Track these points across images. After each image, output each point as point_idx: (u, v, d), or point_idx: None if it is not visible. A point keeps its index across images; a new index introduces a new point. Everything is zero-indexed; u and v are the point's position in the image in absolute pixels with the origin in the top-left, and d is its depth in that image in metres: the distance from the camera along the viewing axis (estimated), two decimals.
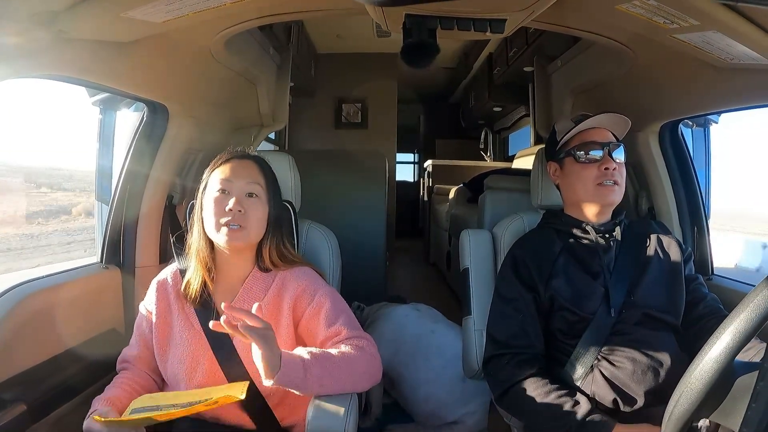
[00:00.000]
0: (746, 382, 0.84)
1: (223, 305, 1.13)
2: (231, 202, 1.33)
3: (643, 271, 1.50)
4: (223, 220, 1.34)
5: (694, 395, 0.85)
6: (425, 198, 6.81)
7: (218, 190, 1.37)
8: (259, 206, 1.38)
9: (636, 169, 2.11)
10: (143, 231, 1.96)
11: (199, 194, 1.43)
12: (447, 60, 6.14)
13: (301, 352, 1.24)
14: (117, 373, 1.46)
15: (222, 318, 1.14)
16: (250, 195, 1.38)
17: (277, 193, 1.46)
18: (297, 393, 1.23)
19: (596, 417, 1.27)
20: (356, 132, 5.79)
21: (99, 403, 1.30)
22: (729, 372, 0.84)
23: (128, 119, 2.36)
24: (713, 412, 0.88)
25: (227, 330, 1.12)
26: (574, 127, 1.54)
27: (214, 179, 1.39)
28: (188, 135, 1.98)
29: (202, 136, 2.07)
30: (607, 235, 1.54)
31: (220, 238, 1.36)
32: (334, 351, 1.29)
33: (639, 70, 1.71)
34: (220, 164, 1.42)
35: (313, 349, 1.27)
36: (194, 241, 1.42)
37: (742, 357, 1.25)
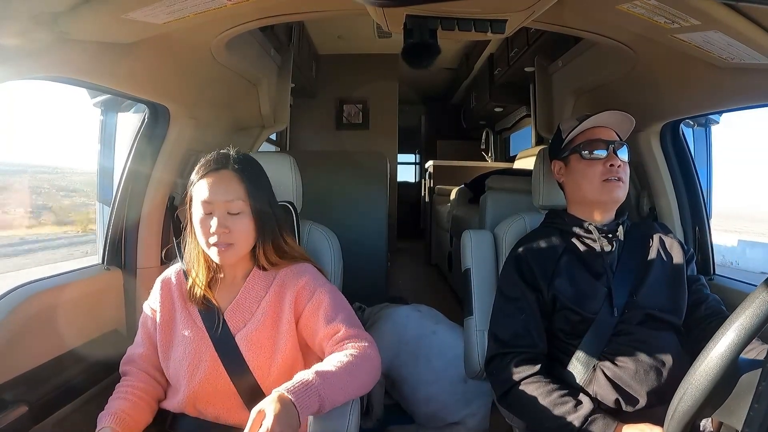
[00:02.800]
0: (750, 380, 0.84)
1: None
2: (214, 225, 1.32)
3: (646, 271, 1.50)
4: (212, 240, 1.33)
5: (698, 393, 0.85)
6: (426, 199, 6.80)
7: (202, 212, 1.35)
8: (243, 221, 1.36)
9: (637, 169, 2.11)
10: (145, 232, 1.96)
11: (188, 204, 1.41)
12: (448, 61, 6.15)
13: (308, 376, 1.20)
14: (119, 375, 1.46)
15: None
16: (232, 212, 1.36)
17: (261, 196, 1.41)
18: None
19: (598, 417, 1.27)
20: (357, 133, 5.80)
21: (105, 420, 1.30)
22: (733, 369, 0.84)
23: (129, 120, 2.37)
24: (717, 410, 0.87)
25: None
26: (579, 124, 1.55)
27: (196, 197, 1.37)
28: (189, 136, 1.98)
29: (203, 137, 2.07)
30: (610, 236, 1.54)
31: (212, 257, 1.36)
32: (335, 364, 1.26)
33: (640, 70, 1.71)
34: (199, 178, 1.37)
35: (319, 367, 1.24)
36: (193, 246, 1.42)
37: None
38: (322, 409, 1.19)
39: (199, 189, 1.36)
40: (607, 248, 1.52)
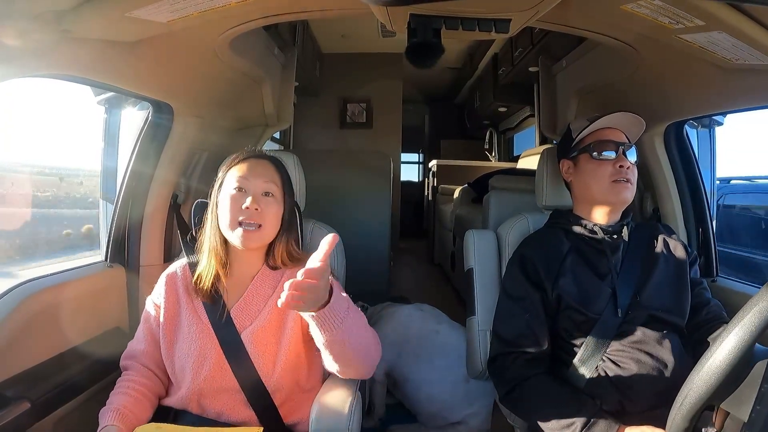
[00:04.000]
0: (762, 370, 0.83)
1: (287, 285, 1.11)
2: (248, 201, 1.35)
3: (650, 272, 1.50)
4: (240, 218, 1.35)
5: (713, 378, 0.84)
6: (430, 198, 6.80)
7: (235, 188, 1.38)
8: (274, 205, 1.40)
9: (641, 170, 2.10)
10: (148, 230, 1.97)
11: (214, 191, 1.44)
12: (452, 60, 6.13)
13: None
14: (120, 371, 1.46)
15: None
16: (267, 194, 1.39)
17: (291, 193, 1.48)
18: (322, 337, 1.23)
19: (601, 418, 1.27)
20: (361, 132, 5.79)
21: (107, 416, 1.30)
22: (749, 355, 0.84)
23: (133, 118, 2.37)
24: (726, 399, 0.87)
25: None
26: (590, 125, 1.55)
27: (230, 177, 1.40)
28: (193, 134, 1.98)
29: (206, 136, 2.07)
30: (614, 236, 1.54)
31: (234, 238, 1.37)
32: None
33: (644, 70, 1.71)
34: (237, 163, 1.43)
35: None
36: (208, 237, 1.44)
37: None
38: (346, 321, 1.22)
39: (236, 170, 1.41)
40: (612, 249, 1.52)
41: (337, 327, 1.21)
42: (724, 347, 0.84)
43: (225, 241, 1.42)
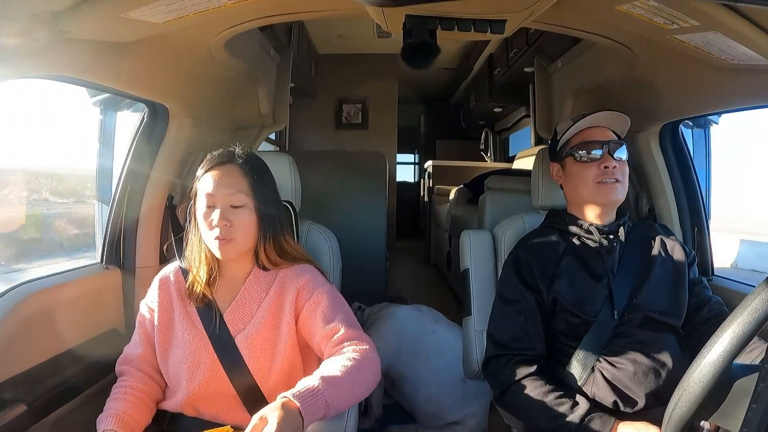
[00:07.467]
0: (745, 385, 0.84)
1: None
2: (216, 218, 1.32)
3: (647, 273, 1.50)
4: (213, 235, 1.33)
5: (693, 397, 0.85)
6: (426, 199, 6.80)
7: (205, 205, 1.35)
8: (245, 215, 1.36)
9: (637, 170, 2.11)
10: (143, 231, 1.96)
11: (193, 200, 1.41)
12: (447, 61, 6.13)
13: (313, 382, 1.17)
14: (116, 375, 1.45)
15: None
16: (234, 206, 1.36)
17: (264, 192, 1.41)
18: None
19: (596, 416, 1.27)
20: (356, 132, 5.78)
21: (105, 422, 1.28)
22: (727, 375, 0.84)
23: (129, 120, 2.37)
24: (713, 414, 0.88)
25: None
26: (573, 125, 1.54)
27: (201, 192, 1.37)
28: (188, 135, 1.98)
29: (202, 137, 2.07)
30: (611, 237, 1.54)
31: (214, 251, 1.36)
32: (339, 369, 1.23)
33: (639, 70, 1.71)
34: (204, 172, 1.38)
35: (323, 373, 1.21)
36: (194, 244, 1.42)
37: (745, 358, 1.26)
38: (326, 416, 1.16)
39: (204, 183, 1.37)
40: (608, 249, 1.52)
41: (322, 417, 1.15)
42: (702, 370, 0.85)
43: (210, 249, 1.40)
